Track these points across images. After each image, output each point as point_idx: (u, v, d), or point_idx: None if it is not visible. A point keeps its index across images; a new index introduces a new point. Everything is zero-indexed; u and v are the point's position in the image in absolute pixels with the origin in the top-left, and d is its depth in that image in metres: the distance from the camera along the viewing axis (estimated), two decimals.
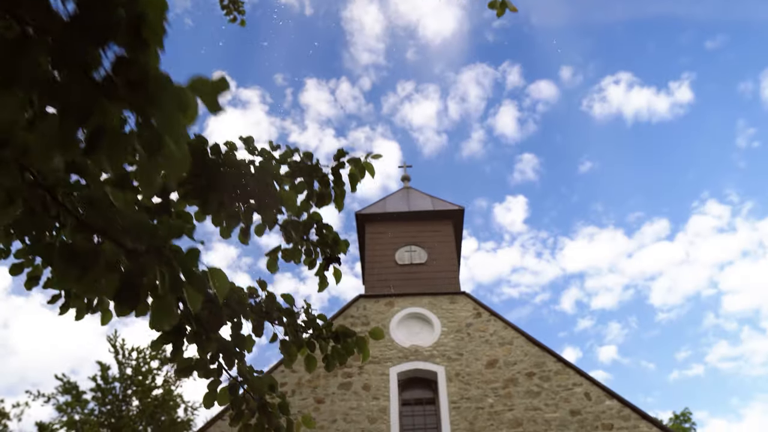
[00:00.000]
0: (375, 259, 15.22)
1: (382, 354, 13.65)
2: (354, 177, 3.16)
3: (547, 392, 12.91)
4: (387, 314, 14.29)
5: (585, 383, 13.03)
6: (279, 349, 3.17)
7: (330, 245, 3.20)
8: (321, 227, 3.18)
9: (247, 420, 3.03)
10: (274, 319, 3.09)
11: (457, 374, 13.27)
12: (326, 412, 12.88)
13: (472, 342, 13.73)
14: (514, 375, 13.19)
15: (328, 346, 3.28)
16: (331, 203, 3.16)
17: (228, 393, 2.98)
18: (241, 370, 2.97)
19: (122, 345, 22.87)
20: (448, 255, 15.25)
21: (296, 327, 3.16)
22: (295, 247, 3.18)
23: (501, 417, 12.62)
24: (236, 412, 2.96)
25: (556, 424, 12.46)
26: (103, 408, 22.08)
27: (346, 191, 3.17)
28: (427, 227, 15.67)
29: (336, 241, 3.21)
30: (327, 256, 3.24)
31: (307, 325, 3.25)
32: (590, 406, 12.70)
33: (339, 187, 3.16)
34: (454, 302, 14.36)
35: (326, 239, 3.19)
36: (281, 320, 3.12)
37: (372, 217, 15.91)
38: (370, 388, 13.20)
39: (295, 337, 3.17)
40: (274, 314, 3.07)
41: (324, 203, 3.15)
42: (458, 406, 12.83)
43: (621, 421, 12.48)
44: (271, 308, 3.08)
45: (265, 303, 3.09)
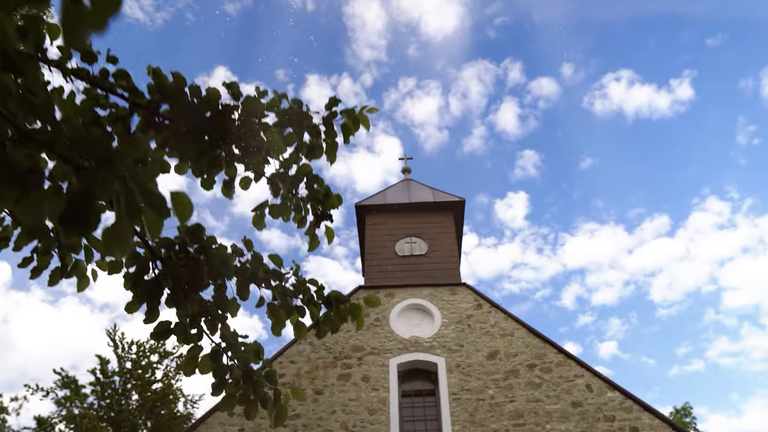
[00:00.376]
0: (375, 251, 14.95)
1: (381, 345, 13.38)
2: (347, 128, 2.89)
3: (548, 384, 12.63)
4: (387, 305, 14.02)
5: (586, 375, 12.75)
6: (266, 313, 2.90)
7: (321, 201, 2.92)
8: (311, 180, 2.90)
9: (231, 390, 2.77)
10: (260, 282, 2.82)
11: (457, 365, 12.99)
12: (325, 403, 12.62)
13: (472, 333, 13.46)
14: (515, 366, 12.91)
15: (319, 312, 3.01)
16: (322, 156, 2.89)
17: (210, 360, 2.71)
18: (224, 336, 2.70)
19: (121, 339, 22.62)
20: (449, 246, 14.98)
21: (285, 291, 2.89)
22: (284, 202, 2.91)
23: (502, 408, 12.35)
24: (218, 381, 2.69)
25: (557, 416, 12.18)
26: (102, 402, 21.83)
27: (338, 144, 2.90)
28: (427, 219, 15.39)
29: (327, 195, 2.94)
30: (318, 213, 2.97)
31: (296, 289, 2.98)
32: (592, 397, 12.42)
33: (330, 137, 2.88)
34: (455, 293, 14.09)
35: (317, 194, 2.92)
36: (268, 283, 2.85)
37: (372, 208, 15.64)
38: (369, 379, 12.93)
39: (284, 302, 2.90)
40: (260, 275, 2.80)
41: (315, 156, 2.88)
42: (458, 397, 12.56)
43: (623, 413, 12.20)
44: (258, 269, 2.80)
45: (251, 264, 2.82)
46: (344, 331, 13.60)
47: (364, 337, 13.50)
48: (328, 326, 3.04)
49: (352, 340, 13.46)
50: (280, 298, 2.88)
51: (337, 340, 13.48)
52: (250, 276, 2.79)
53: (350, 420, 12.37)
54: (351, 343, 13.42)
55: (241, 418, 12.48)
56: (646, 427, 11.98)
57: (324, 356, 13.29)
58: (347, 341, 13.44)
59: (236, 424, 12.45)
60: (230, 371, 2.77)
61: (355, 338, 13.50)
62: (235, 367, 2.76)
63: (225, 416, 12.57)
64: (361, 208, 15.66)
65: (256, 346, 2.81)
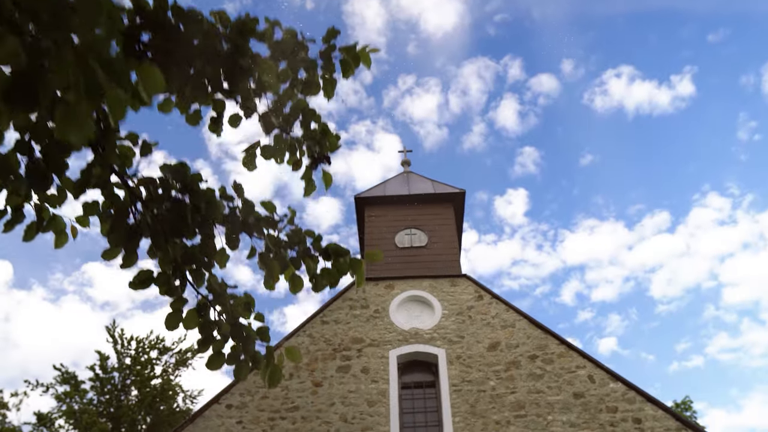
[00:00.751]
0: (374, 243, 14.66)
1: (381, 337, 13.09)
2: (347, 64, 2.60)
3: (549, 375, 12.34)
4: (386, 297, 13.73)
5: (588, 366, 12.46)
6: (257, 264, 2.61)
7: (318, 141, 2.63)
8: (308, 118, 2.61)
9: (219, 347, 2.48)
10: (252, 230, 2.53)
11: (458, 357, 12.70)
12: (324, 395, 12.32)
13: (473, 325, 13.17)
14: (516, 358, 12.63)
15: (316, 266, 2.72)
16: (319, 92, 2.61)
17: (196, 315, 2.42)
18: (211, 287, 2.41)
19: (121, 335, 22.34)
20: (449, 238, 14.69)
21: (279, 242, 2.60)
22: (278, 141, 2.62)
23: (503, 400, 12.06)
24: (204, 337, 2.40)
25: (559, 407, 11.89)
26: (101, 398, 21.54)
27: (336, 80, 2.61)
28: (427, 210, 15.10)
29: (325, 132, 2.65)
30: (315, 155, 2.68)
31: (291, 240, 2.68)
32: (594, 388, 12.14)
33: (329, 71, 2.59)
34: (455, 285, 13.80)
35: (314, 134, 2.63)
36: (261, 231, 2.56)
37: (371, 200, 15.35)
38: (369, 371, 12.64)
39: (277, 253, 2.61)
40: (251, 223, 2.51)
41: (311, 92, 2.59)
42: (459, 389, 12.27)
43: (626, 403, 11.91)
44: (249, 216, 2.52)
45: (242, 210, 2.53)
46: (343, 323, 13.31)
47: (364, 329, 13.22)
48: (326, 280, 2.75)
49: (351, 332, 13.18)
50: (274, 249, 2.60)
51: (336, 332, 13.19)
52: (241, 223, 2.51)
53: (349, 412, 12.07)
54: (350, 335, 13.13)
55: (240, 410, 12.18)
56: (649, 418, 11.71)
57: (323, 348, 13.00)
58: (346, 333, 13.16)
59: (234, 416, 12.16)
60: (218, 327, 2.48)
61: (355, 330, 13.21)
62: (223, 322, 2.48)
63: (223, 408, 12.28)
64: (361, 200, 15.37)
65: (246, 299, 2.53)
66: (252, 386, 12.56)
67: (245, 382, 12.61)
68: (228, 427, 12.02)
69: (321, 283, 2.72)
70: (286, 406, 12.22)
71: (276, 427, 11.98)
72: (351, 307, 13.56)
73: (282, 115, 2.50)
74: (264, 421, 12.05)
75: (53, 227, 2.82)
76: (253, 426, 12.02)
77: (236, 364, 2.58)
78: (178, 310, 2.44)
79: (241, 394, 12.45)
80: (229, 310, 2.46)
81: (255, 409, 12.21)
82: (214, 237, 2.44)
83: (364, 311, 13.49)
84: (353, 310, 13.51)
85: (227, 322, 2.48)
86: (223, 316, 2.47)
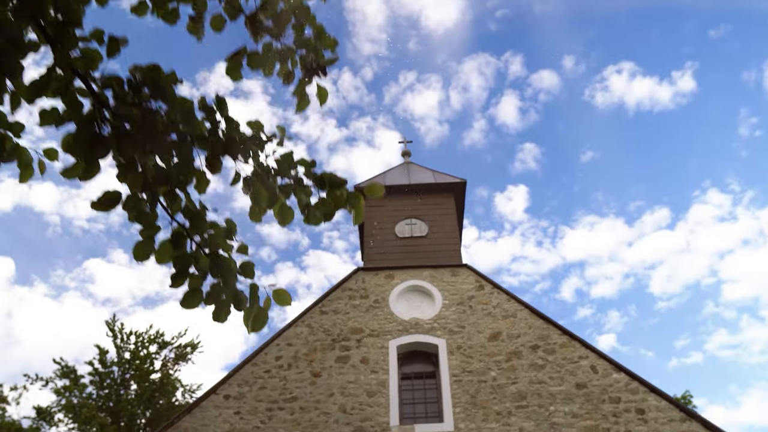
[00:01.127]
0: (374, 233, 14.30)
1: (381, 327, 12.72)
2: None
3: (552, 365, 11.98)
4: (387, 287, 13.36)
5: (591, 356, 12.10)
6: (242, 189, 2.25)
7: (313, 48, 2.28)
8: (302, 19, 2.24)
9: (196, 284, 2.12)
10: (236, 152, 2.18)
11: (458, 347, 12.34)
12: (323, 385, 11.96)
13: (474, 314, 12.80)
14: (517, 348, 12.26)
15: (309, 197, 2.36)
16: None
17: (170, 246, 2.06)
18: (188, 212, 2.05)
19: (120, 329, 21.98)
20: (450, 228, 14.33)
21: (267, 169, 2.24)
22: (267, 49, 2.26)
23: (504, 390, 11.69)
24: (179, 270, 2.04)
25: (561, 398, 11.53)
26: (101, 392, 21.17)
27: None
28: (428, 200, 14.74)
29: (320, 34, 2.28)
30: (309, 66, 2.31)
31: (281, 167, 2.33)
32: (597, 379, 11.77)
33: None
34: (456, 275, 13.44)
35: (308, 42, 2.27)
36: (246, 154, 2.20)
37: None
38: (368, 361, 12.27)
39: (265, 179, 2.25)
40: (235, 144, 2.16)
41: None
42: (460, 379, 11.90)
43: (629, 394, 11.55)
44: (232, 136, 2.16)
45: (225, 130, 2.18)
46: (342, 313, 12.95)
47: (363, 319, 12.85)
48: (321, 211, 2.40)
49: (350, 322, 12.81)
50: (261, 174, 2.25)
51: (336, 322, 12.83)
52: (224, 145, 2.16)
53: (348, 402, 11.71)
54: (349, 325, 12.76)
55: (237, 400, 11.81)
56: (653, 409, 11.34)
57: (322, 338, 12.63)
58: (345, 323, 12.79)
59: (231, 407, 11.79)
60: (195, 260, 2.13)
61: (354, 320, 12.84)
62: (201, 254, 2.12)
63: (221, 399, 11.91)
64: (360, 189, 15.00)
65: (229, 226, 2.17)
66: (250, 377, 12.19)
67: (243, 372, 12.24)
68: (225, 418, 11.65)
69: (314, 215, 2.37)
70: (284, 397, 11.85)
71: (274, 417, 11.61)
72: (350, 297, 13.19)
73: (273, 16, 2.14)
74: (262, 412, 11.68)
75: (18, 158, 2.46)
76: (251, 416, 11.65)
77: (216, 305, 2.22)
78: (149, 238, 2.09)
79: (239, 384, 12.09)
80: (209, 241, 2.12)
81: (253, 400, 11.85)
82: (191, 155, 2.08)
83: (364, 301, 13.13)
84: (352, 300, 13.15)
85: (207, 256, 2.13)
86: (202, 248, 2.13)
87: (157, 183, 2.03)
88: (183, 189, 2.09)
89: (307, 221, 2.39)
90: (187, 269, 2.14)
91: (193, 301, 2.19)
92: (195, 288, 2.19)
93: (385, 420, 11.46)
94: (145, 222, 2.08)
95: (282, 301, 2.26)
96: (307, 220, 2.38)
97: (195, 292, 2.19)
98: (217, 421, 11.62)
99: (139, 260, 2.13)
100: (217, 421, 11.62)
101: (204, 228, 2.14)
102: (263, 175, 2.24)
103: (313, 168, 2.39)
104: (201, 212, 2.15)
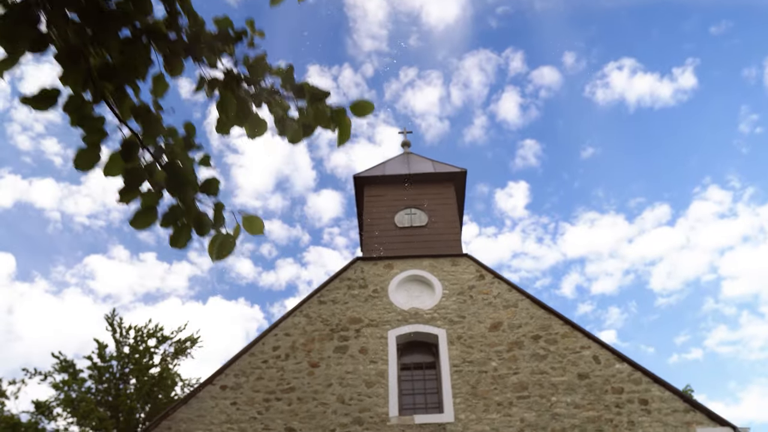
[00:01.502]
0: (373, 222, 13.93)
1: (380, 317, 12.36)
2: None
3: (553, 355, 11.62)
4: (386, 277, 12.99)
5: (594, 346, 11.74)
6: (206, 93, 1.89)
7: None
8: None
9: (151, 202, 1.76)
10: (200, 53, 1.82)
11: (459, 337, 11.97)
12: (321, 376, 11.60)
13: (474, 304, 12.44)
14: (519, 338, 11.90)
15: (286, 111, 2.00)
16: None
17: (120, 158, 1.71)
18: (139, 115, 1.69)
19: (120, 323, 21.58)
20: (450, 217, 13.96)
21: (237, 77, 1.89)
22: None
23: (505, 381, 11.33)
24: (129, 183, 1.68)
25: (563, 388, 11.17)
26: (100, 386, 20.78)
27: None
28: (427, 190, 14.37)
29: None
30: None
31: (253, 73, 1.97)
32: (599, 369, 11.41)
33: None
34: (456, 264, 13.07)
35: None
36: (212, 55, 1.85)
37: (371, 179, 14.62)
38: (367, 351, 11.91)
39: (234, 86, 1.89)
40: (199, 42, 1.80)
41: None
42: (460, 369, 11.54)
43: (632, 384, 11.18)
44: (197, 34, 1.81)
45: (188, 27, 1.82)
46: (341, 303, 12.59)
47: (362, 308, 12.49)
48: (298, 124, 2.04)
49: (349, 312, 12.45)
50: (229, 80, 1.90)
51: (334, 312, 12.47)
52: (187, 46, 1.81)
53: (347, 393, 11.35)
54: (348, 315, 12.40)
55: (234, 390, 11.45)
56: (656, 400, 10.98)
57: (320, 328, 12.27)
58: (344, 313, 12.43)
59: (228, 397, 11.44)
60: (150, 174, 1.78)
61: (353, 310, 12.48)
62: (156, 168, 1.77)
63: (217, 390, 11.56)
64: (360, 179, 14.64)
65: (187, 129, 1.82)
66: (247, 367, 11.83)
67: (240, 362, 11.88)
68: (222, 408, 11.29)
69: (292, 128, 2.00)
70: (281, 387, 11.49)
71: (271, 408, 11.26)
72: (349, 287, 12.83)
73: None
74: (259, 402, 11.33)
75: None
76: (248, 407, 11.30)
77: (174, 227, 1.87)
78: (93, 145, 1.73)
79: (236, 375, 11.73)
80: (166, 151, 1.76)
81: (250, 390, 11.49)
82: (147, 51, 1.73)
83: (363, 291, 12.77)
84: (351, 290, 12.78)
85: (163, 169, 1.77)
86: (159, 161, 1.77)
87: (103, 79, 1.69)
88: (134, 86, 1.75)
89: (282, 134, 2.02)
90: (138, 184, 1.79)
91: (145, 220, 1.83)
92: (149, 207, 1.83)
93: (384, 411, 11.10)
94: (89, 126, 1.73)
95: (253, 229, 1.90)
96: (283, 133, 2.02)
97: (148, 211, 1.84)
98: (213, 412, 11.27)
99: (81, 170, 1.78)
100: (213, 412, 11.27)
101: (159, 134, 1.79)
102: (231, 81, 1.89)
103: (291, 76, 2.04)
104: (156, 116, 1.80)
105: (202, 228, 1.89)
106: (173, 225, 1.87)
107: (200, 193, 1.86)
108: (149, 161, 1.81)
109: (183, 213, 1.82)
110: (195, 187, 1.85)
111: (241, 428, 11.02)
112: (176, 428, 11.07)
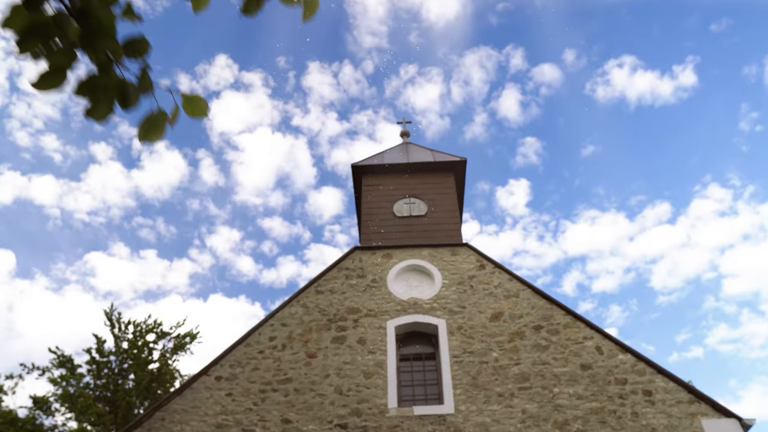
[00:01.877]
0: (372, 211, 13.54)
1: (378, 307, 11.96)
2: None
3: (555, 346, 11.21)
4: (385, 266, 12.60)
5: (596, 337, 11.32)
6: None
7: None
8: None
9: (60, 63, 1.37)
10: None
11: (459, 327, 11.56)
12: (319, 366, 11.19)
13: (475, 294, 12.03)
14: (520, 328, 11.49)
15: None
16: None
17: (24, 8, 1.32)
18: None
19: (118, 319, 21.21)
20: (450, 207, 13.57)
21: None
22: None
23: (506, 371, 10.91)
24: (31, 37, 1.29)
25: (565, 379, 10.76)
26: (98, 381, 20.39)
27: None
28: (427, 179, 13.98)
29: None
30: None
31: None
32: (602, 360, 10.99)
33: None
34: (456, 254, 12.67)
35: None
36: None
37: (369, 168, 14.23)
38: (365, 341, 11.50)
39: None
40: None
41: None
42: (460, 360, 11.12)
43: (635, 375, 10.77)
44: None
45: None
46: (339, 292, 12.19)
47: (360, 298, 12.08)
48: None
49: (347, 302, 12.05)
50: None
51: (332, 302, 12.06)
52: None
53: (345, 384, 10.94)
54: (346, 305, 12.00)
55: (229, 381, 11.04)
56: (660, 391, 10.56)
57: (317, 318, 11.87)
58: (342, 303, 12.03)
59: (223, 388, 11.03)
60: (60, 29, 1.39)
61: (351, 300, 12.08)
62: (66, 16, 1.37)
63: (212, 380, 11.16)
64: (358, 168, 14.25)
65: None
66: (243, 357, 11.43)
67: (236, 353, 11.48)
68: (217, 399, 10.89)
69: None
70: (278, 378, 11.09)
71: (267, 399, 10.85)
72: (347, 277, 12.43)
73: None
74: (255, 393, 10.92)
75: None
76: (243, 398, 10.89)
77: (92, 96, 1.49)
78: None
79: (231, 365, 11.33)
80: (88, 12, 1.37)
81: (245, 381, 11.08)
82: None
83: (361, 281, 12.37)
84: (349, 280, 12.38)
85: (76, 21, 1.39)
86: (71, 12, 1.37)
87: None
88: None
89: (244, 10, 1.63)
90: (46, 39, 1.40)
91: (52, 81, 1.45)
92: (58, 68, 1.45)
93: (383, 402, 10.69)
94: None
95: (195, 111, 1.54)
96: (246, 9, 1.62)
97: (56, 73, 1.45)
98: (208, 403, 10.87)
99: None
100: (208, 403, 10.87)
101: None
102: None
103: None
104: None
105: (127, 100, 1.51)
106: (89, 92, 1.48)
107: (124, 56, 1.48)
108: (59, 10, 1.42)
109: (102, 80, 1.44)
110: (116, 46, 1.46)
111: (236, 419, 10.62)
112: (170, 419, 10.68)
